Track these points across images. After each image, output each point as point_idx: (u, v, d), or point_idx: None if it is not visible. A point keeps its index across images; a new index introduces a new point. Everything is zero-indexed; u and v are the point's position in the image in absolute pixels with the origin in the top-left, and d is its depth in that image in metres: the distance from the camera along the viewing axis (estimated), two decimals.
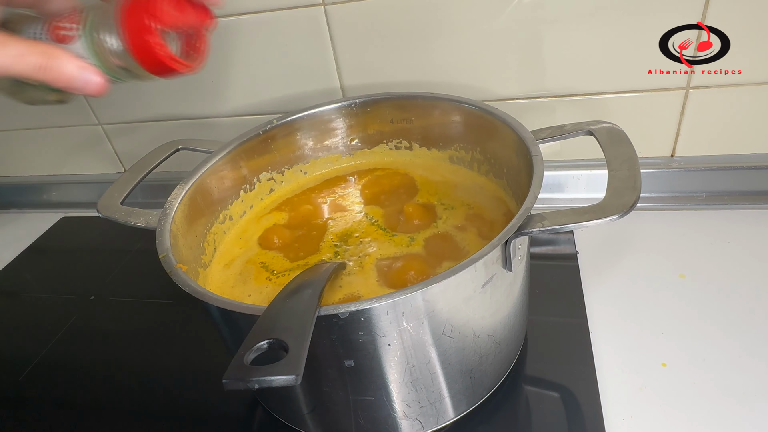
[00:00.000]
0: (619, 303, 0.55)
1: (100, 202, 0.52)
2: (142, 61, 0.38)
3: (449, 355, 0.41)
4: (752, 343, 0.49)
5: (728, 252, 0.59)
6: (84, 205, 0.91)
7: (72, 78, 0.35)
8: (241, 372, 0.29)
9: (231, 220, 0.58)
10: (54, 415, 0.56)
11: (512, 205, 0.53)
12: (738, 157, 0.66)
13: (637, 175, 0.41)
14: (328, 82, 0.71)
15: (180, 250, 0.46)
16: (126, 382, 0.57)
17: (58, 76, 0.35)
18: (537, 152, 0.45)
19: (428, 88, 0.65)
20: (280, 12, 0.66)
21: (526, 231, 0.39)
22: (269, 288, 0.50)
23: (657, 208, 0.66)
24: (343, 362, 0.38)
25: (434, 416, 0.45)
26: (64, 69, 0.35)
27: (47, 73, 0.35)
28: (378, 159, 0.64)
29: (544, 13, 0.60)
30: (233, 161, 0.57)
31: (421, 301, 0.36)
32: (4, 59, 0.33)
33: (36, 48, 0.34)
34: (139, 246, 0.77)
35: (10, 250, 0.83)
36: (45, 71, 0.34)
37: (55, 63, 0.35)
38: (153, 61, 0.38)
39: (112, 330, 0.65)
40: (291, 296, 0.36)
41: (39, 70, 0.34)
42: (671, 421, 0.44)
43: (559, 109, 0.67)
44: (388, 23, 0.65)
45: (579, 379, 0.48)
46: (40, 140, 0.90)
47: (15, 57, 0.33)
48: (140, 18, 0.37)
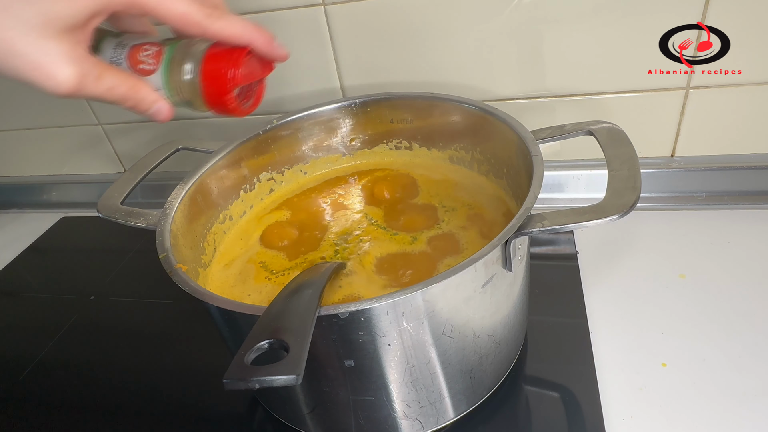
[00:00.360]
0: (619, 303, 0.55)
1: (100, 202, 0.52)
2: (210, 105, 0.42)
3: (449, 355, 0.41)
4: (752, 343, 0.49)
5: (728, 252, 0.59)
6: (84, 205, 0.91)
7: (148, 109, 0.40)
8: (242, 372, 0.29)
9: (231, 220, 0.58)
10: (54, 415, 0.56)
11: (512, 205, 0.53)
12: (738, 157, 0.66)
13: (637, 175, 0.41)
14: (328, 82, 0.71)
15: (180, 250, 0.46)
16: (126, 382, 0.57)
17: (137, 106, 0.40)
18: (537, 152, 0.45)
19: (428, 88, 0.65)
20: (280, 12, 0.66)
21: (526, 231, 0.39)
22: (269, 287, 0.50)
23: (657, 208, 0.66)
24: (343, 362, 0.38)
25: (434, 416, 0.45)
26: (144, 102, 0.40)
27: (128, 103, 0.39)
28: (378, 159, 0.64)
29: (544, 13, 0.60)
30: (233, 161, 0.57)
31: (421, 301, 0.36)
32: (99, 91, 0.37)
33: (124, 82, 0.38)
34: (139, 246, 0.77)
35: (10, 250, 0.83)
36: (127, 101, 0.39)
37: (138, 96, 0.39)
38: (220, 107, 0.42)
39: (112, 330, 0.65)
40: (291, 296, 0.36)
41: (123, 101, 0.39)
42: (671, 421, 0.44)
43: (559, 109, 0.67)
44: (388, 23, 0.65)
45: (579, 379, 0.48)
46: (40, 140, 0.90)
47: (108, 89, 0.37)
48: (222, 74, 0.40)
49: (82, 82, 0.36)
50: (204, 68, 0.40)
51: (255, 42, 0.40)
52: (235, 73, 0.40)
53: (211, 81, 0.40)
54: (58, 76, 0.35)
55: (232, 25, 0.39)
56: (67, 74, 0.35)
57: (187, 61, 0.41)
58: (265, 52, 0.42)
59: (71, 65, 0.35)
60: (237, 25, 0.40)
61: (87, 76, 0.36)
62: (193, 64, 0.41)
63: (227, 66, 0.40)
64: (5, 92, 0.85)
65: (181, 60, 0.41)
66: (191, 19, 0.38)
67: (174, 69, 0.41)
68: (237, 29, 0.40)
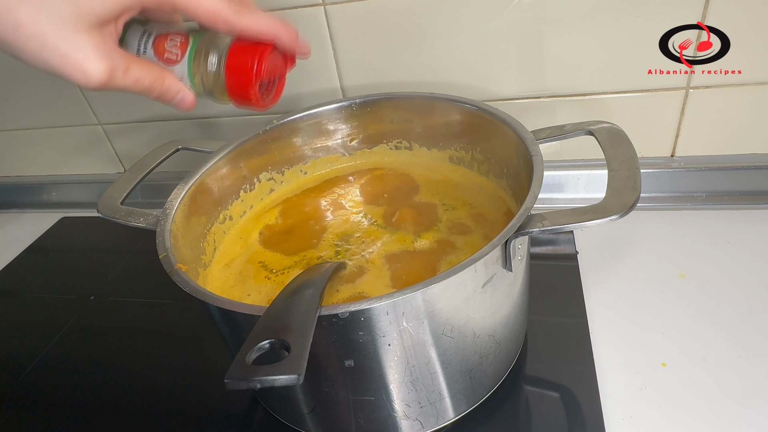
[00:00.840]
0: (619, 303, 0.55)
1: (100, 202, 0.52)
2: (233, 97, 0.43)
3: (449, 355, 0.41)
4: (752, 343, 0.49)
5: (728, 252, 0.59)
6: (84, 205, 0.91)
7: (173, 98, 0.42)
8: (243, 372, 0.29)
9: (231, 220, 0.58)
10: (54, 415, 0.56)
11: (512, 205, 0.53)
12: (738, 157, 0.66)
13: (637, 175, 0.41)
14: (328, 82, 0.71)
15: (180, 250, 0.46)
16: (126, 382, 0.57)
17: (162, 96, 0.41)
18: (537, 152, 0.45)
19: (428, 88, 0.65)
20: (280, 12, 0.66)
21: (526, 231, 0.39)
22: (268, 287, 0.50)
23: (657, 208, 0.66)
24: (343, 362, 0.38)
25: (434, 416, 0.45)
26: (169, 91, 0.41)
27: (154, 93, 0.41)
28: (378, 159, 0.64)
29: (544, 13, 0.60)
30: (233, 161, 0.57)
31: (421, 301, 0.36)
32: (128, 83, 0.38)
33: (150, 73, 0.40)
34: (139, 246, 0.77)
35: (10, 250, 0.83)
36: (153, 92, 0.40)
37: (163, 86, 0.41)
38: (243, 100, 0.43)
39: (112, 330, 0.65)
40: (292, 296, 0.36)
41: (150, 91, 0.40)
42: (671, 421, 0.44)
43: (559, 109, 0.67)
44: (388, 23, 0.65)
45: (579, 379, 0.48)
46: (40, 140, 0.90)
47: (135, 81, 0.39)
48: (247, 68, 0.41)
49: (111, 75, 0.37)
50: (229, 61, 0.41)
51: (280, 37, 0.41)
52: (260, 67, 0.41)
53: (236, 73, 0.41)
54: (90, 70, 0.36)
55: (259, 21, 0.40)
56: (98, 68, 0.36)
57: (212, 52, 0.41)
58: (289, 47, 0.42)
59: (102, 59, 0.36)
60: (263, 20, 0.40)
61: (116, 70, 0.37)
62: (218, 56, 0.41)
63: (252, 60, 0.41)
64: (5, 92, 0.85)
65: (207, 51, 0.41)
66: (220, 16, 0.39)
67: (199, 60, 0.42)
68: (263, 25, 0.40)
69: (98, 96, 0.81)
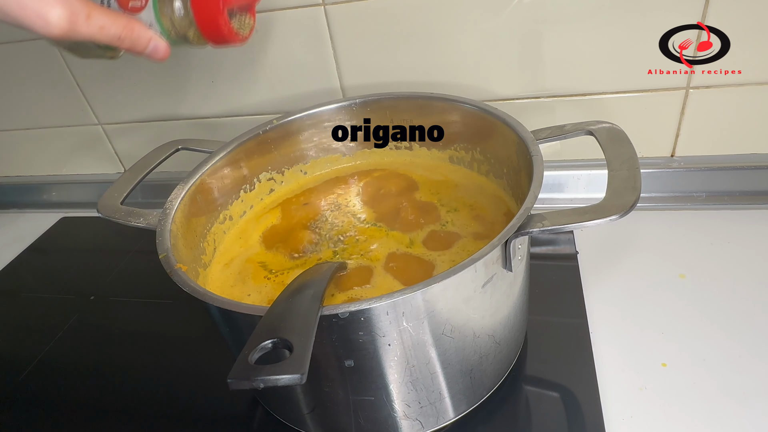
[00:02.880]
0: (619, 303, 0.55)
1: (100, 202, 0.52)
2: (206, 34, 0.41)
3: (449, 355, 0.41)
4: (752, 343, 0.49)
5: (728, 252, 0.59)
6: (84, 205, 0.91)
7: (145, 47, 0.40)
8: (246, 371, 0.29)
9: (231, 220, 0.58)
10: (54, 415, 0.56)
11: (512, 205, 0.53)
12: (738, 157, 0.66)
13: (637, 175, 0.41)
14: (328, 82, 0.71)
15: (180, 250, 0.46)
16: (126, 382, 0.57)
17: (134, 46, 0.40)
18: (537, 152, 0.45)
19: (428, 88, 0.65)
20: (280, 12, 0.66)
21: (526, 231, 0.39)
22: (268, 287, 0.50)
23: (657, 208, 0.66)
24: (343, 362, 0.38)
25: (434, 416, 0.45)
26: (140, 40, 0.40)
27: (124, 43, 0.39)
28: (378, 159, 0.64)
29: (544, 13, 0.60)
30: (233, 161, 0.57)
31: (421, 301, 0.36)
32: (90, 30, 0.37)
33: (116, 21, 0.38)
34: (139, 246, 0.77)
35: (10, 250, 0.83)
36: (123, 41, 0.39)
37: (133, 35, 0.39)
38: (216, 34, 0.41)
39: (112, 330, 0.65)
40: (293, 296, 0.36)
41: (118, 41, 0.39)
42: (671, 421, 0.44)
43: (559, 109, 0.67)
44: (388, 23, 0.65)
45: (579, 379, 0.48)
46: (40, 140, 0.90)
47: (100, 28, 0.37)
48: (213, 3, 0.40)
49: (72, 21, 0.36)
50: None
51: None
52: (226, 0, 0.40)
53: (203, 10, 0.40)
54: (48, 14, 0.35)
55: None
56: (57, 13, 0.35)
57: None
58: None
59: (60, 5, 0.35)
60: None
61: (77, 15, 0.36)
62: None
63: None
64: (5, 92, 0.85)
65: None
66: None
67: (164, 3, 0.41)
68: None
69: (98, 96, 0.81)
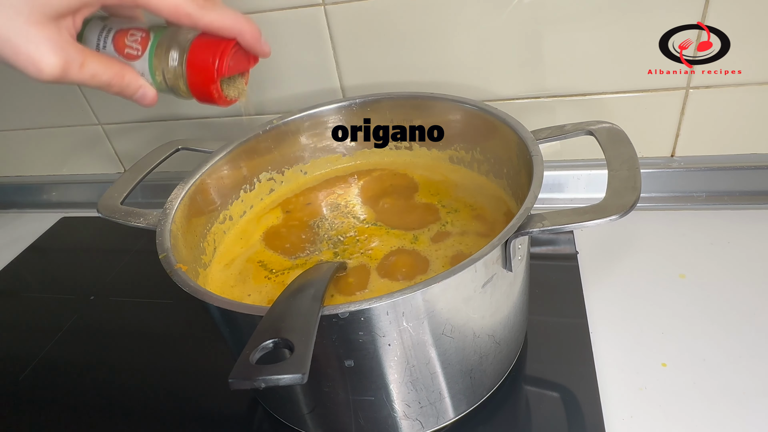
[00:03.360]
0: (619, 303, 0.55)
1: (100, 202, 0.52)
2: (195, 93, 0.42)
3: (449, 355, 0.41)
4: (752, 343, 0.49)
5: (728, 252, 0.59)
6: (84, 205, 0.91)
7: (134, 94, 0.41)
8: (247, 371, 0.29)
9: (231, 220, 0.58)
10: (54, 415, 0.56)
11: (512, 205, 0.53)
12: (738, 157, 0.66)
13: (637, 175, 0.41)
14: (328, 82, 0.71)
15: (180, 250, 0.46)
16: (126, 382, 0.57)
17: (123, 92, 0.41)
18: (537, 152, 0.45)
19: (428, 88, 0.65)
20: (280, 12, 0.66)
21: (526, 231, 0.39)
22: (268, 287, 0.50)
23: (657, 208, 0.66)
24: (343, 362, 0.38)
25: (434, 416, 0.45)
26: (129, 87, 0.41)
27: (113, 89, 0.40)
28: (378, 159, 0.64)
29: (545, 13, 0.60)
30: (233, 161, 0.57)
31: (421, 301, 0.36)
32: (84, 77, 0.38)
33: (109, 68, 0.39)
34: (139, 246, 0.77)
35: (10, 250, 0.83)
36: (112, 87, 0.40)
37: (123, 82, 0.40)
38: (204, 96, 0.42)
39: (112, 330, 0.65)
40: (294, 296, 0.36)
41: (108, 86, 0.40)
42: (671, 421, 0.44)
43: (559, 109, 0.67)
44: (388, 23, 0.65)
45: (579, 379, 0.48)
46: (40, 140, 0.90)
47: (92, 76, 0.38)
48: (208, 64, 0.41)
49: (65, 69, 0.36)
50: (190, 57, 0.41)
51: (243, 35, 0.41)
52: (221, 64, 0.40)
53: (197, 70, 0.41)
54: (41, 62, 0.35)
55: (222, 17, 0.40)
56: (51, 61, 0.36)
57: (173, 48, 0.41)
58: (251, 45, 0.42)
59: (55, 52, 0.36)
60: (227, 17, 0.40)
61: (71, 63, 0.36)
62: (179, 52, 0.41)
63: (213, 56, 0.40)
64: (5, 92, 0.85)
65: (168, 47, 0.41)
66: (183, 10, 0.38)
67: (160, 56, 0.41)
68: (227, 21, 0.40)
69: (98, 96, 0.81)
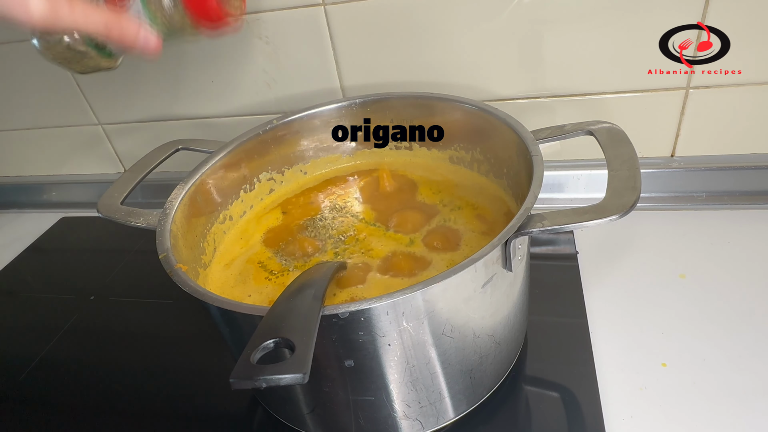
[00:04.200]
0: (619, 303, 0.55)
1: (100, 202, 0.52)
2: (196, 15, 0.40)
3: (449, 355, 0.41)
4: (752, 343, 0.49)
5: (728, 252, 0.59)
6: (84, 205, 0.91)
7: (135, 36, 0.39)
8: (248, 371, 0.29)
9: (231, 220, 0.58)
10: (54, 415, 0.56)
11: (512, 205, 0.53)
12: (738, 157, 0.66)
13: (637, 175, 0.41)
14: (328, 82, 0.71)
15: (180, 250, 0.46)
16: (126, 382, 0.57)
17: (123, 35, 0.38)
18: (537, 152, 0.45)
19: (428, 88, 0.65)
20: (280, 12, 0.66)
21: (526, 231, 0.39)
22: (269, 288, 0.50)
23: (657, 208, 0.66)
24: (343, 362, 0.38)
25: (434, 416, 0.45)
26: (128, 29, 0.38)
27: (113, 31, 0.37)
28: (378, 159, 0.64)
29: (544, 13, 0.60)
30: (233, 161, 0.57)
31: (421, 301, 0.36)
32: (74, 17, 0.36)
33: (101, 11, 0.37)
34: (139, 246, 0.77)
35: (10, 250, 0.83)
36: (111, 29, 0.37)
37: (121, 27, 0.38)
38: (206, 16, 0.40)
39: (112, 330, 0.65)
40: (295, 296, 0.36)
41: (107, 32, 0.37)
42: (671, 421, 0.44)
43: (559, 109, 0.67)
44: (388, 23, 0.65)
45: (579, 379, 0.48)
46: (40, 140, 0.90)
47: (85, 17, 0.36)
48: None
49: (53, 9, 0.35)
50: None
51: None
52: None
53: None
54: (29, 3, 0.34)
55: None
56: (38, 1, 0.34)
57: None
58: None
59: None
60: None
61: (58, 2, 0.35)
62: None
63: None
64: (5, 92, 0.85)
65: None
66: None
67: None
68: None
69: (98, 96, 0.81)
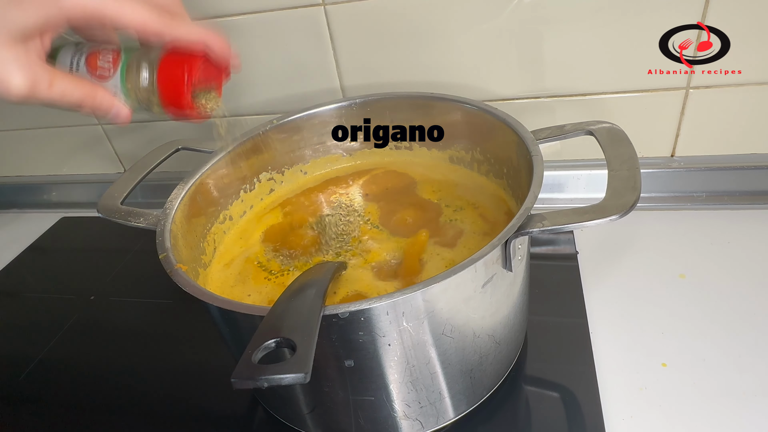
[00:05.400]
0: (619, 303, 0.55)
1: (100, 202, 0.52)
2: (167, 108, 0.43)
3: (449, 355, 0.41)
4: (752, 343, 0.49)
5: (728, 252, 0.59)
6: (84, 205, 0.91)
7: (106, 112, 0.41)
8: (250, 371, 0.29)
9: (231, 220, 0.58)
10: (54, 415, 0.56)
11: (512, 205, 0.53)
12: (738, 157, 0.66)
13: (637, 175, 0.41)
14: (328, 82, 0.71)
15: (180, 250, 0.46)
16: (126, 382, 0.57)
17: (95, 111, 0.41)
18: (537, 152, 0.45)
19: (428, 88, 0.65)
20: (280, 12, 0.66)
21: (526, 231, 0.39)
22: (269, 288, 0.50)
23: (657, 208, 0.66)
24: (343, 362, 0.38)
25: (434, 416, 0.45)
26: (102, 105, 0.41)
27: (86, 108, 0.40)
28: (378, 159, 0.64)
29: (544, 13, 0.60)
30: (233, 161, 0.57)
31: (421, 301, 0.36)
32: (53, 95, 0.38)
33: (79, 87, 0.39)
34: (139, 246, 0.77)
35: (10, 250, 0.83)
36: (84, 106, 0.40)
37: (95, 101, 0.40)
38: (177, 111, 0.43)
39: (112, 330, 0.65)
40: (295, 296, 0.36)
41: (80, 105, 0.40)
42: (671, 421, 0.44)
43: (559, 109, 0.67)
44: (388, 23, 0.65)
45: (579, 379, 0.48)
46: (40, 140, 0.90)
47: (62, 94, 0.38)
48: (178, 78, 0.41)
49: (33, 88, 0.37)
50: (161, 72, 0.41)
51: (211, 48, 0.41)
52: (191, 77, 0.41)
53: (168, 84, 0.41)
54: (9, 82, 0.36)
55: (190, 31, 0.40)
56: (18, 81, 0.36)
57: (144, 65, 0.42)
58: (220, 57, 0.42)
59: (22, 72, 0.36)
60: (194, 31, 0.40)
61: (39, 83, 0.37)
62: (149, 68, 0.42)
63: (182, 70, 0.41)
64: None
65: (139, 65, 0.42)
66: (151, 27, 0.39)
67: (131, 73, 0.42)
68: (194, 35, 0.40)
69: None
